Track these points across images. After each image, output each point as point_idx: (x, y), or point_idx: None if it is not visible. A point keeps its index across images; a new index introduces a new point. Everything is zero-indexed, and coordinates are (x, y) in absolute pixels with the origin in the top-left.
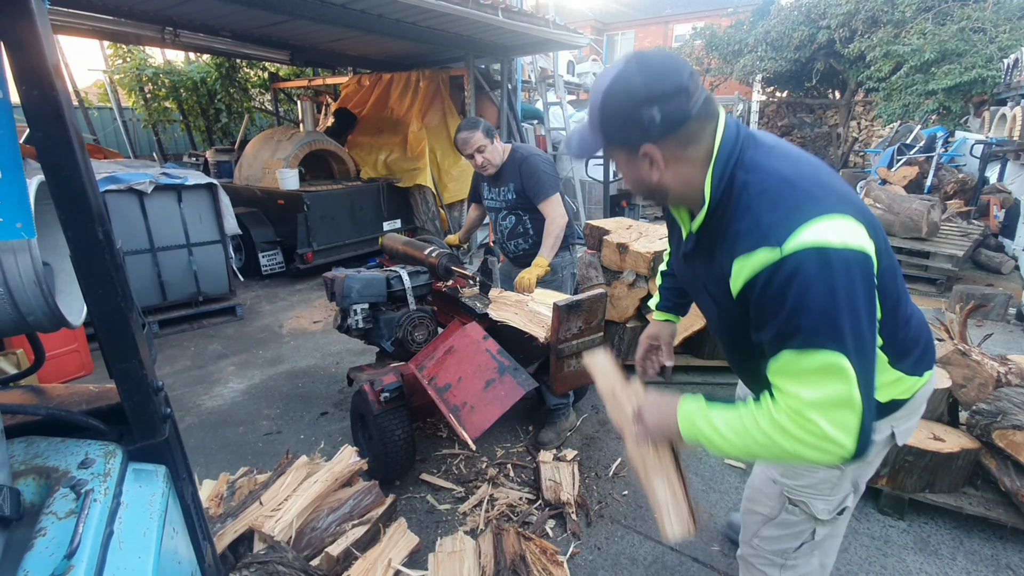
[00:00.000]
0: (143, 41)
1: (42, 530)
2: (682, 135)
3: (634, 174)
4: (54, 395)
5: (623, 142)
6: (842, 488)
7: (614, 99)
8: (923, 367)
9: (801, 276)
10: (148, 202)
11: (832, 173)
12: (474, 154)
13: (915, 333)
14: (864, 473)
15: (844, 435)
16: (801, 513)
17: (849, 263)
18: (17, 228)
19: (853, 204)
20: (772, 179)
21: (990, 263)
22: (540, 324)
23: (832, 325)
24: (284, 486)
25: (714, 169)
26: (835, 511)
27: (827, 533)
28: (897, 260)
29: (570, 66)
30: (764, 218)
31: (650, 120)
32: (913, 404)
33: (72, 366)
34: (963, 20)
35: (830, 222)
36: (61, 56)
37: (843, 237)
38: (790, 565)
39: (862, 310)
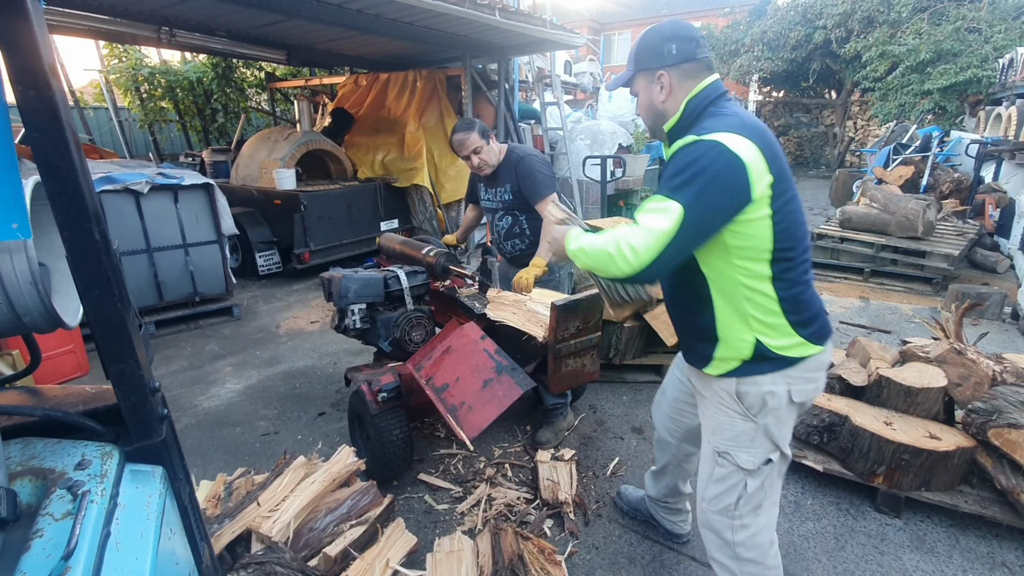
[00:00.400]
0: (139, 41)
1: (39, 531)
2: (686, 70)
3: (647, 98)
4: (50, 396)
5: (648, 66)
6: (759, 441)
7: (649, 35)
8: (820, 338)
9: (694, 150)
10: (144, 202)
11: (767, 130)
12: (470, 155)
13: (815, 305)
14: (778, 433)
15: (641, 253)
16: (729, 464)
17: (727, 160)
18: (13, 229)
19: (765, 142)
20: (728, 115)
21: (986, 262)
22: (538, 324)
23: (688, 186)
24: (282, 486)
25: (691, 100)
26: (760, 463)
27: (757, 486)
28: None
29: (567, 66)
30: (704, 125)
31: (668, 51)
32: (808, 368)
33: (68, 367)
34: (959, 20)
35: (734, 136)
36: (57, 56)
37: (735, 145)
38: (739, 525)
39: (718, 191)
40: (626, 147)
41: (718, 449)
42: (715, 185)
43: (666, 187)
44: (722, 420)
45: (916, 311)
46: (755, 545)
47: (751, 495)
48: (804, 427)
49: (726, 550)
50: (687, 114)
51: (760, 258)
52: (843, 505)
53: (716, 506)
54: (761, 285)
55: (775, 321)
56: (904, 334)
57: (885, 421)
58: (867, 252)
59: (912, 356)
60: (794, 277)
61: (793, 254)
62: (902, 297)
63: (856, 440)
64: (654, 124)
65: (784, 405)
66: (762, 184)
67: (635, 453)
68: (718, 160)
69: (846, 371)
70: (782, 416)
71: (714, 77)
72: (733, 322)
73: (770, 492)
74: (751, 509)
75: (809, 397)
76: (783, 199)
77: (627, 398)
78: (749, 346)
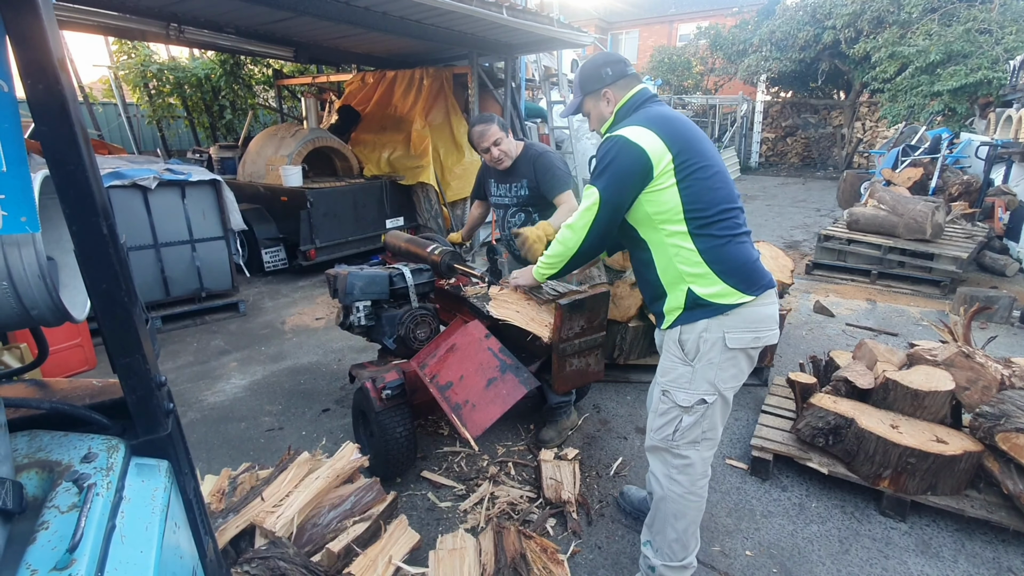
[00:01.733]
0: (148, 37)
1: (44, 523)
2: (621, 85)
3: (597, 111)
4: (57, 389)
5: (593, 88)
6: (696, 384)
7: (587, 67)
8: (748, 287)
9: (606, 145)
10: (152, 198)
11: (676, 117)
12: (491, 147)
13: (741, 257)
14: (714, 376)
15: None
16: (669, 400)
17: (629, 149)
18: (22, 222)
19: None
20: (640, 115)
21: (994, 265)
22: (543, 324)
23: (602, 174)
24: (286, 482)
25: (620, 108)
26: (694, 402)
27: (692, 422)
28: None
29: (574, 65)
30: (620, 125)
31: (606, 73)
32: (745, 318)
33: (75, 361)
34: (969, 21)
35: (637, 128)
36: (66, 51)
37: (635, 136)
38: (676, 454)
39: (621, 175)
40: None
41: (663, 388)
42: (620, 169)
43: (591, 176)
44: (667, 364)
45: (924, 314)
46: (686, 472)
47: (686, 429)
48: (809, 429)
49: (662, 468)
50: (617, 118)
51: (675, 219)
52: (848, 508)
53: (658, 435)
54: (683, 241)
55: (700, 271)
56: (911, 337)
57: (891, 424)
58: (874, 254)
59: (919, 359)
60: (713, 232)
61: (705, 214)
62: (909, 300)
63: (862, 443)
64: (599, 126)
65: (719, 350)
66: (663, 162)
67: (639, 453)
68: (622, 151)
69: (852, 373)
70: (716, 360)
71: (640, 87)
72: (671, 276)
73: (708, 431)
74: (688, 442)
75: (749, 345)
76: (687, 170)
77: (631, 398)
78: (683, 295)
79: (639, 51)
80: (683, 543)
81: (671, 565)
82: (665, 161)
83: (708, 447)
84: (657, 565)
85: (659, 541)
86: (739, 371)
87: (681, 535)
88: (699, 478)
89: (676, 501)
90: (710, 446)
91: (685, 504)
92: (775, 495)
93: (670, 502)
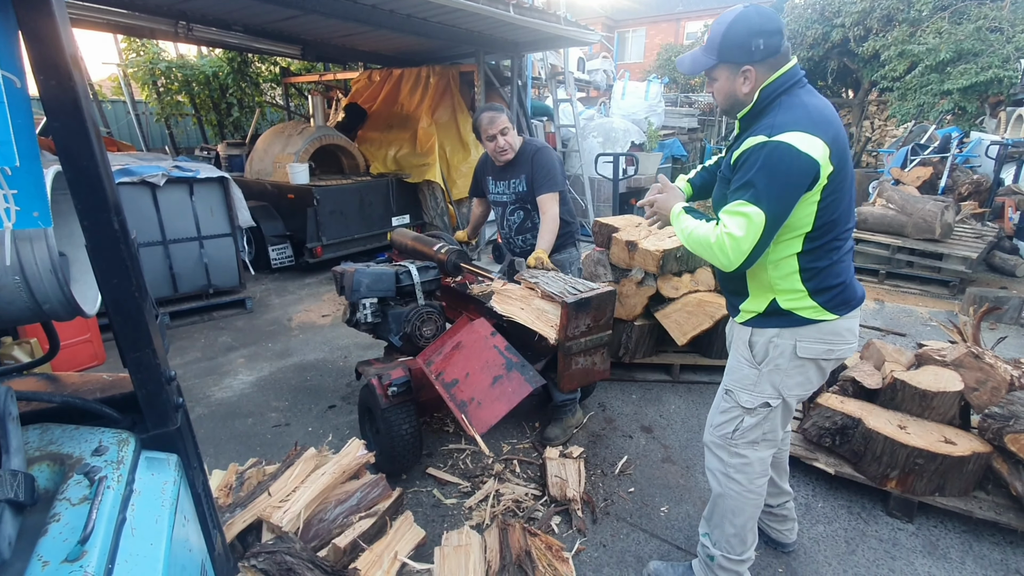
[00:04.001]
0: (156, 35)
1: (56, 516)
2: (769, 64)
3: (729, 87)
4: (68, 383)
5: (733, 60)
6: (761, 387)
7: (736, 29)
8: (836, 307)
9: (769, 154)
10: (160, 195)
11: (835, 117)
12: (497, 135)
13: (839, 278)
14: (780, 382)
15: (740, 253)
16: (731, 400)
17: (801, 163)
18: (34, 217)
19: (832, 134)
20: (797, 108)
21: (1004, 266)
22: (548, 323)
23: (767, 190)
24: (292, 477)
25: (765, 88)
26: (758, 404)
27: (753, 424)
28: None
29: (580, 63)
30: (776, 122)
31: (756, 47)
32: (821, 330)
33: (85, 356)
34: (980, 19)
35: (804, 136)
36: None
37: (805, 145)
38: (734, 452)
39: (790, 190)
40: (638, 145)
41: (727, 387)
42: (790, 184)
43: (745, 190)
44: (734, 363)
45: (932, 314)
46: (744, 471)
47: (747, 429)
48: (816, 429)
49: (720, 465)
50: (759, 101)
51: (794, 235)
52: (854, 509)
53: (718, 432)
54: (787, 257)
55: (793, 287)
56: (920, 337)
57: (899, 425)
58: (883, 254)
59: (928, 359)
60: (822, 253)
61: (827, 235)
62: (918, 300)
63: (869, 443)
64: (730, 110)
65: (788, 357)
66: (824, 176)
67: (644, 452)
68: (794, 163)
69: (860, 373)
70: (784, 366)
71: (790, 65)
72: (760, 283)
73: (768, 432)
74: (747, 442)
75: (821, 356)
76: (835, 187)
77: (637, 397)
78: (765, 302)
79: (646, 49)
80: (741, 538)
81: (730, 557)
82: (824, 176)
83: (767, 447)
84: (716, 555)
85: (717, 535)
86: (807, 380)
87: (739, 530)
88: (757, 477)
89: (734, 498)
90: (769, 447)
91: (743, 501)
92: None
93: (728, 499)
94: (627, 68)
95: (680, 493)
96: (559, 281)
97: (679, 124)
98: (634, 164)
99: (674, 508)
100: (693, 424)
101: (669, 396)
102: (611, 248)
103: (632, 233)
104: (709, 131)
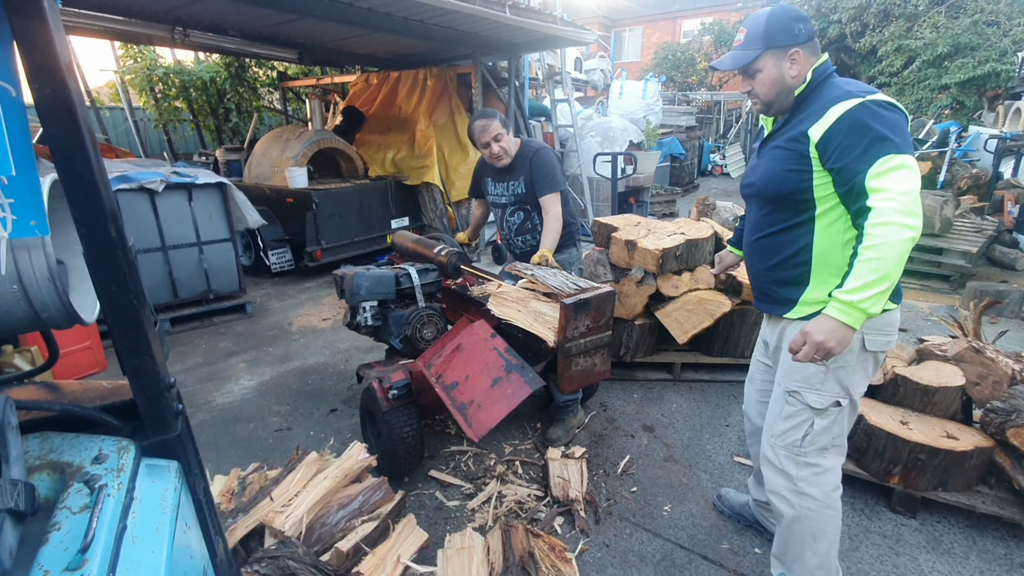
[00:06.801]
0: (153, 41)
1: (56, 524)
2: (811, 47)
3: (776, 73)
4: (68, 391)
5: (780, 45)
6: (829, 384)
7: (777, 15)
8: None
9: (873, 110)
10: (159, 201)
11: None
12: (491, 142)
13: None
14: (848, 378)
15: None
16: (798, 403)
17: (902, 114)
18: (31, 226)
19: None
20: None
21: (1004, 259)
22: (547, 325)
23: (897, 137)
24: (294, 482)
25: (817, 68)
26: (828, 404)
27: (824, 426)
28: None
29: (577, 63)
30: (850, 89)
31: (799, 30)
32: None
33: (86, 363)
34: (976, 13)
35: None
36: (73, 56)
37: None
38: (803, 462)
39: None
40: (637, 144)
41: (788, 389)
42: (906, 132)
43: (881, 145)
44: (795, 364)
45: (933, 309)
46: (817, 483)
47: (817, 434)
48: None
49: (788, 483)
50: (814, 80)
51: None
52: (857, 505)
53: (783, 441)
54: None
55: None
56: (921, 332)
57: (901, 420)
58: None
59: (929, 354)
60: None
61: None
62: (918, 295)
63: (871, 439)
64: (777, 98)
65: (856, 352)
66: None
67: (646, 451)
68: (899, 116)
69: None
70: (852, 362)
71: (826, 55)
72: (830, 265)
73: (837, 437)
74: (817, 449)
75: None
76: None
77: (638, 396)
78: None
79: (643, 48)
80: (826, 568)
81: None
82: None
83: (837, 454)
84: None
85: (799, 570)
86: (867, 374)
87: (824, 559)
88: (832, 489)
89: (811, 518)
90: (839, 453)
91: (822, 520)
92: None
93: (805, 521)
94: (624, 67)
95: (683, 492)
96: (559, 276)
97: (677, 122)
98: (633, 163)
99: (677, 507)
100: (695, 422)
101: (671, 395)
102: (610, 247)
103: (631, 232)
104: (707, 129)
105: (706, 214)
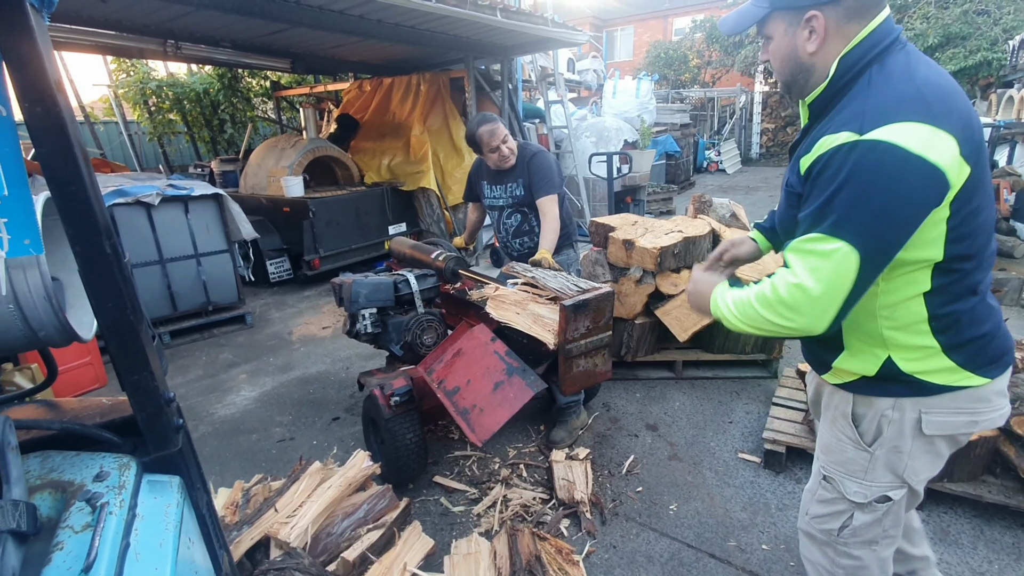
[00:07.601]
0: (145, 55)
1: (59, 544)
2: (848, 9)
3: (787, 46)
4: (68, 409)
5: (793, 4)
6: (876, 473)
7: None
8: (984, 367)
9: (857, 160)
10: (156, 214)
11: (959, 93)
12: (500, 145)
13: (985, 324)
14: (902, 466)
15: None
16: (833, 490)
17: (914, 170)
18: (25, 245)
19: (960, 120)
20: (900, 82)
21: (1002, 247)
22: (547, 328)
23: (856, 217)
24: (298, 492)
25: (846, 56)
26: (872, 497)
27: (868, 522)
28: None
29: (570, 64)
30: (868, 106)
31: None
32: (961, 398)
33: (86, 379)
34: (967, 3)
35: (916, 127)
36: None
37: (920, 145)
38: (844, 552)
39: (900, 215)
40: (632, 143)
41: (824, 472)
42: (899, 210)
43: (821, 217)
44: (831, 440)
45: None
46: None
47: (859, 528)
48: None
49: (827, 563)
50: (838, 77)
51: (919, 268)
52: None
53: (818, 525)
54: (911, 296)
55: (921, 342)
56: None
57: None
58: None
59: None
60: (959, 290)
61: (969, 264)
62: None
63: None
64: (792, 80)
65: (910, 435)
66: (956, 184)
67: (650, 451)
68: (903, 176)
69: None
70: (906, 448)
71: (884, 15)
72: (864, 336)
73: (890, 529)
74: (861, 542)
75: (959, 431)
76: (970, 194)
77: (640, 395)
78: (876, 362)
79: (635, 47)
80: None
81: None
82: (958, 182)
83: (888, 546)
84: None
85: None
86: (937, 457)
87: None
88: None
89: None
90: (891, 544)
91: None
92: (789, 488)
93: None
94: (617, 67)
95: (688, 490)
96: (559, 278)
97: (671, 120)
98: (628, 162)
99: (683, 506)
100: (698, 420)
101: (673, 393)
102: (608, 247)
103: (629, 232)
104: (702, 126)
105: (703, 211)
